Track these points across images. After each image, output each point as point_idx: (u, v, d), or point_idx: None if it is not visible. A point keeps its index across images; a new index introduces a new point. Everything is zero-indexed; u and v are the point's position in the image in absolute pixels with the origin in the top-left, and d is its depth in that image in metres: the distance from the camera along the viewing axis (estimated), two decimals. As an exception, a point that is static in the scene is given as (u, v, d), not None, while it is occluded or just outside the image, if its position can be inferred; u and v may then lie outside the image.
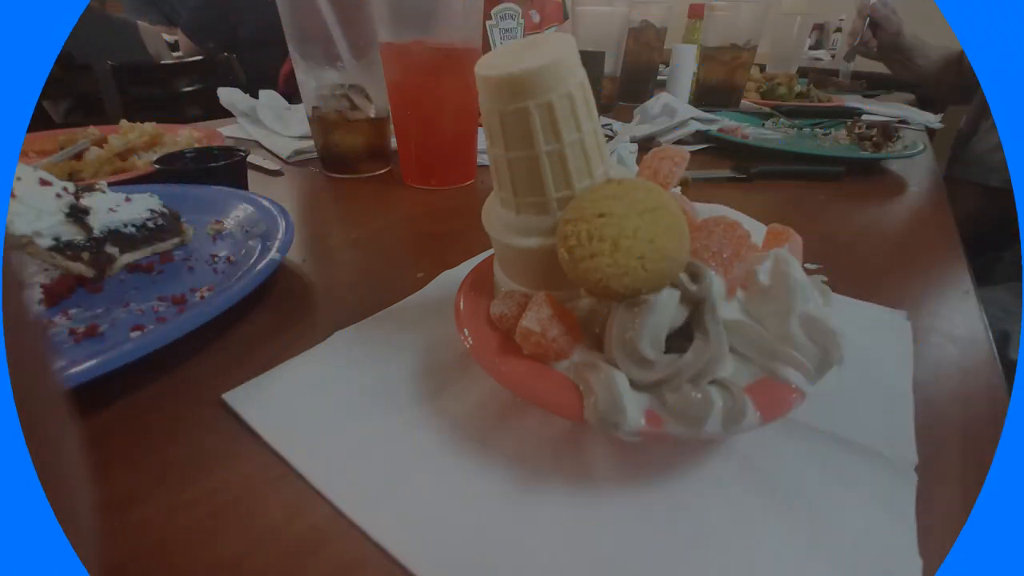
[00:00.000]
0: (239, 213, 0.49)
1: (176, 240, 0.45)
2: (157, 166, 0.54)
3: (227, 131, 0.88)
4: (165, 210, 0.44)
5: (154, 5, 2.58)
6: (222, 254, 0.43)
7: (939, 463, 0.26)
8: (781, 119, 1.01)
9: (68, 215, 0.38)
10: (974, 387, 0.32)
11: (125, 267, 0.41)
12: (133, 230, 0.41)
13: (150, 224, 0.43)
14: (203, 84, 1.67)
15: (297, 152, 0.77)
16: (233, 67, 1.64)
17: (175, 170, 0.55)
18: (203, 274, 0.41)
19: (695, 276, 0.24)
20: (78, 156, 0.69)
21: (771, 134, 0.92)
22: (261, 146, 0.82)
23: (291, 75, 0.68)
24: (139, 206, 0.42)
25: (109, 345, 0.29)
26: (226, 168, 0.56)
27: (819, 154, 0.79)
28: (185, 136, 0.76)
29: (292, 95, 0.90)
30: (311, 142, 0.74)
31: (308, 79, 0.65)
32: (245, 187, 0.59)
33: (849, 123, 0.89)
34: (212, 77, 1.64)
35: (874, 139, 0.80)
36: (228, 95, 0.92)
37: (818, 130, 0.94)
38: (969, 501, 0.24)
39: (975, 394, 0.32)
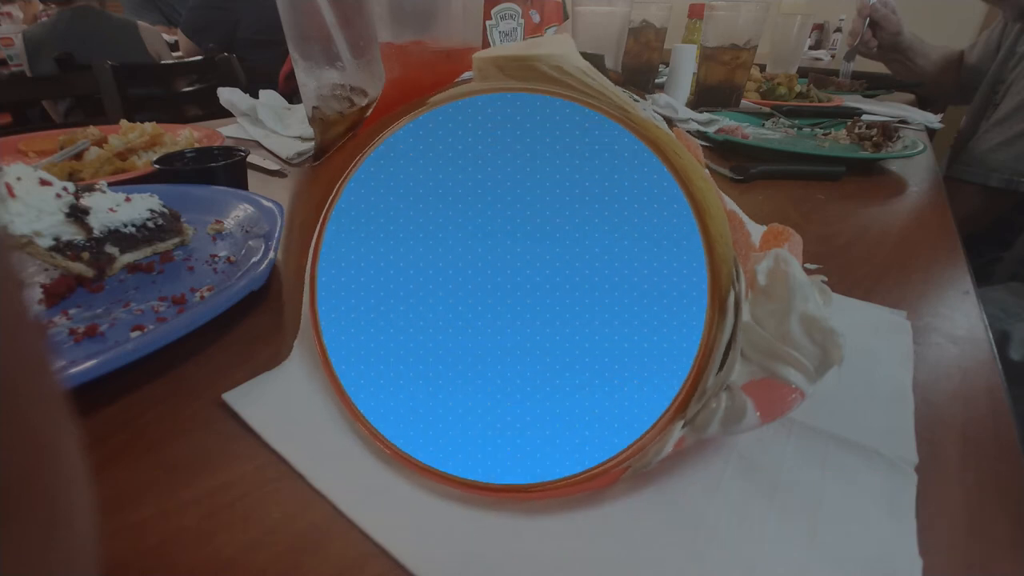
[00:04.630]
0: (239, 213, 0.49)
1: (176, 240, 0.45)
2: (157, 166, 0.54)
3: (227, 131, 0.88)
4: (165, 210, 0.44)
5: (154, 5, 2.58)
6: (222, 254, 0.43)
7: (939, 463, 0.26)
8: (781, 119, 1.01)
9: (68, 215, 0.38)
10: (974, 387, 0.32)
11: (125, 267, 0.41)
12: (133, 230, 0.41)
13: (150, 224, 0.43)
14: (203, 84, 1.66)
15: (299, 154, 0.77)
16: (233, 67, 1.63)
17: (175, 170, 0.55)
18: (203, 274, 0.41)
19: (695, 276, 0.24)
20: (78, 156, 0.69)
21: (771, 134, 0.92)
22: (261, 146, 0.82)
23: (291, 75, 0.67)
24: (139, 206, 0.42)
25: (109, 345, 0.29)
26: (226, 168, 0.56)
27: (819, 154, 0.79)
28: (185, 136, 0.76)
29: (292, 95, 0.90)
30: (311, 143, 0.73)
31: (308, 79, 0.65)
32: (245, 187, 0.59)
33: (849, 123, 0.89)
34: (212, 77, 1.63)
35: (874, 139, 0.80)
36: (228, 95, 0.92)
37: (818, 130, 0.94)
38: (969, 501, 0.24)
39: (975, 394, 0.32)
